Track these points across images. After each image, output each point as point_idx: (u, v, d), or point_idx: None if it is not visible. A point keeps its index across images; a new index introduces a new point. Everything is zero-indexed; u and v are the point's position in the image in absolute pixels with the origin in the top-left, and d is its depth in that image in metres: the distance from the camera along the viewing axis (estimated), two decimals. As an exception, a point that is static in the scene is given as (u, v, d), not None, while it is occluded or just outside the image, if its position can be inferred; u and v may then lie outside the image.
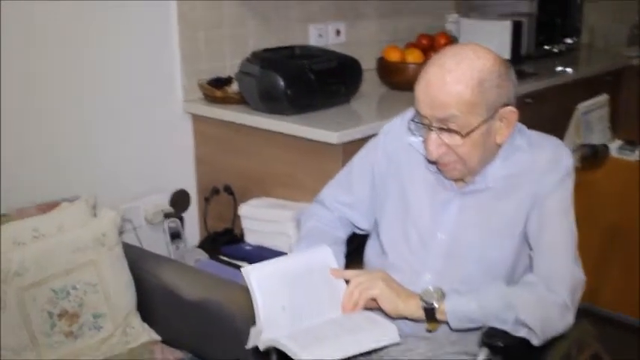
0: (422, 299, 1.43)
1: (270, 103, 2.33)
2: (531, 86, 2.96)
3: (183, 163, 2.64)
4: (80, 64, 2.29)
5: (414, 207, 1.58)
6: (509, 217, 1.50)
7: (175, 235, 2.28)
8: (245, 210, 2.32)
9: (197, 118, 2.59)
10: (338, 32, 3.12)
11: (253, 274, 1.39)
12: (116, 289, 1.98)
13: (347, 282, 1.49)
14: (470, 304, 1.41)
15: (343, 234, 1.72)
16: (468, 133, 1.40)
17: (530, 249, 1.49)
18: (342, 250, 1.66)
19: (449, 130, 1.41)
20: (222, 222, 2.57)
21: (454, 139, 1.42)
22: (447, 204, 1.55)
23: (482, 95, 1.39)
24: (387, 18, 3.31)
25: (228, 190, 2.51)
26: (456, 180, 1.54)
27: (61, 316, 1.89)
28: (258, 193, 2.45)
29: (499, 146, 1.49)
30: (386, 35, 3.28)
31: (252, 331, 1.36)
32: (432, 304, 1.42)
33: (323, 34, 3.04)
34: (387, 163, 1.65)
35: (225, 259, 2.29)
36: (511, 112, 1.44)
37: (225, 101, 2.50)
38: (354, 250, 1.75)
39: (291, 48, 2.59)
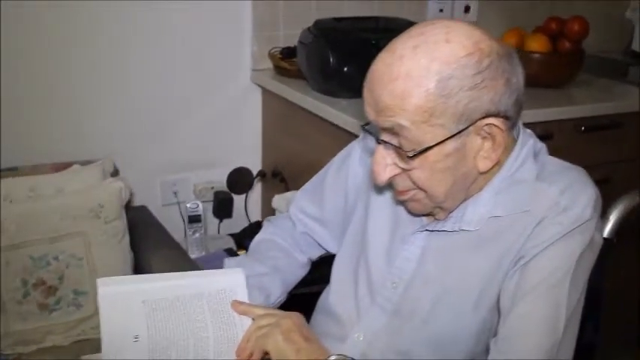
0: None
1: (322, 81, 1.96)
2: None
3: (247, 141, 2.36)
4: (147, 20, 2.11)
5: (370, 239, 1.17)
6: (481, 279, 1.03)
7: (194, 219, 2.03)
8: (277, 202, 1.99)
9: (265, 92, 2.30)
10: (467, 9, 2.63)
11: (104, 288, 1.09)
12: (104, 267, 1.80)
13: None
14: None
15: (302, 256, 1.34)
16: (418, 155, 0.96)
17: (495, 333, 1.01)
18: (285, 278, 1.29)
19: (396, 147, 0.99)
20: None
21: (402, 161, 0.99)
22: (406, 243, 1.11)
23: (445, 99, 0.93)
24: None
25: (277, 175, 2.21)
26: (427, 215, 1.10)
27: (36, 285, 1.75)
28: (309, 185, 2.11)
29: (486, 174, 1.03)
30: (534, 17, 2.69)
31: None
32: None
33: (445, 10, 2.57)
34: (363, 173, 1.24)
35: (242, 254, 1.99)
36: (495, 126, 0.97)
37: (291, 74, 2.18)
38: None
39: (374, 19, 2.17)
